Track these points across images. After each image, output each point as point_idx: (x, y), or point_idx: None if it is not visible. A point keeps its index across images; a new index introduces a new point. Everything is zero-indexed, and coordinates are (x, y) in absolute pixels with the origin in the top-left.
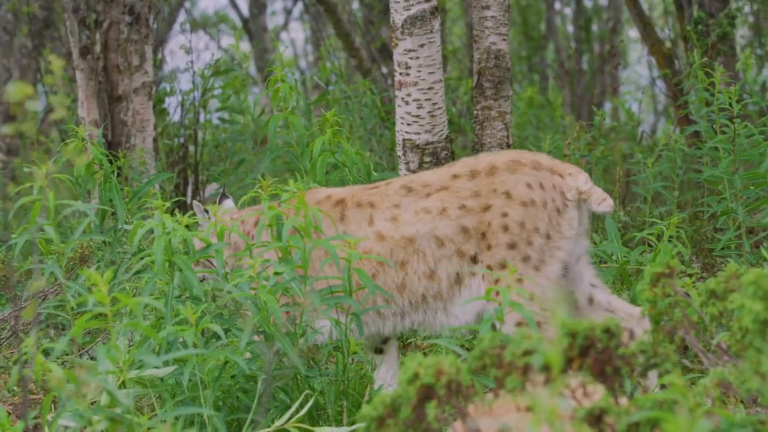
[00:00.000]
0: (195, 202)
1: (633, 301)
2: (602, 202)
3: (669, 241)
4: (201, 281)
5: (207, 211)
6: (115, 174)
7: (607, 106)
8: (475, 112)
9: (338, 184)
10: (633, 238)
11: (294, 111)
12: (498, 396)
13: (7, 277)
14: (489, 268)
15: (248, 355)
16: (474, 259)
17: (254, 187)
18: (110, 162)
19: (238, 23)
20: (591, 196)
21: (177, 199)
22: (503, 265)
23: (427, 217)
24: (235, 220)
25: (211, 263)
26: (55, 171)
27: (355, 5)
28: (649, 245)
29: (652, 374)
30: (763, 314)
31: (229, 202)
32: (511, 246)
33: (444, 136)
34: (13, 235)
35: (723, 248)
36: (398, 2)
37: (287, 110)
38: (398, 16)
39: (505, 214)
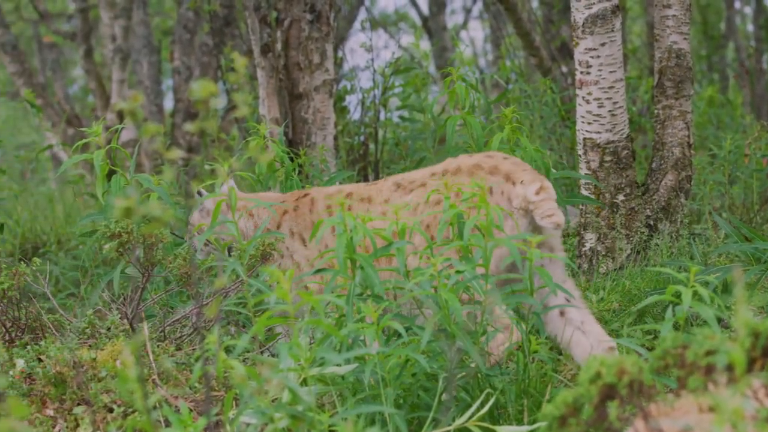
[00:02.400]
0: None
1: None
2: (546, 217)
3: None
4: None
5: (200, 193)
6: (297, 172)
7: None
8: (655, 111)
9: None
10: None
11: (472, 110)
12: (680, 396)
13: (189, 274)
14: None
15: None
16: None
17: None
18: (291, 160)
19: (418, 22)
20: (537, 209)
21: None
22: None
23: (406, 213)
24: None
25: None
26: (237, 168)
27: (535, 4)
28: None
29: None
30: None
31: (229, 183)
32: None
33: (625, 135)
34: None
35: None
36: (579, 1)
37: (464, 110)
38: (579, 15)
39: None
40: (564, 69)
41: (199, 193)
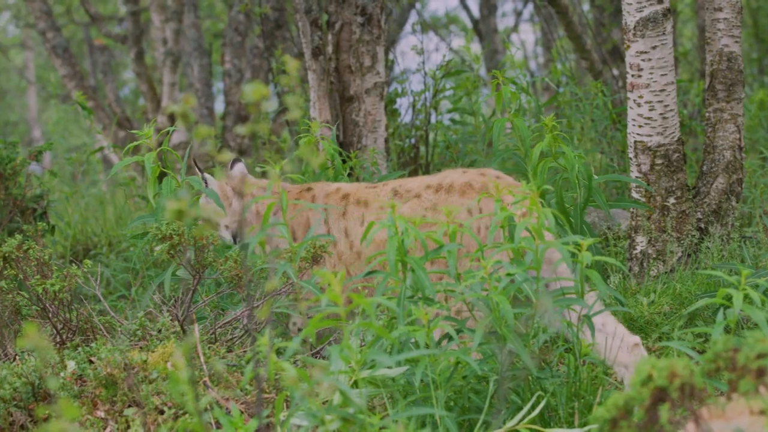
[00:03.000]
0: (197, 168)
1: None
2: None
3: None
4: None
5: (205, 180)
6: (347, 174)
7: None
8: (706, 114)
9: (562, 186)
10: None
11: (519, 113)
12: (731, 399)
13: (240, 276)
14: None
15: (476, 355)
16: None
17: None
18: (342, 162)
19: (469, 24)
20: None
21: None
22: (440, 277)
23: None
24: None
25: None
26: (288, 170)
27: (586, 7)
28: None
29: None
30: None
31: (240, 166)
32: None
33: (676, 139)
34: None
35: None
36: (630, 4)
37: (511, 113)
38: (630, 18)
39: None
40: (615, 72)
41: (204, 180)
